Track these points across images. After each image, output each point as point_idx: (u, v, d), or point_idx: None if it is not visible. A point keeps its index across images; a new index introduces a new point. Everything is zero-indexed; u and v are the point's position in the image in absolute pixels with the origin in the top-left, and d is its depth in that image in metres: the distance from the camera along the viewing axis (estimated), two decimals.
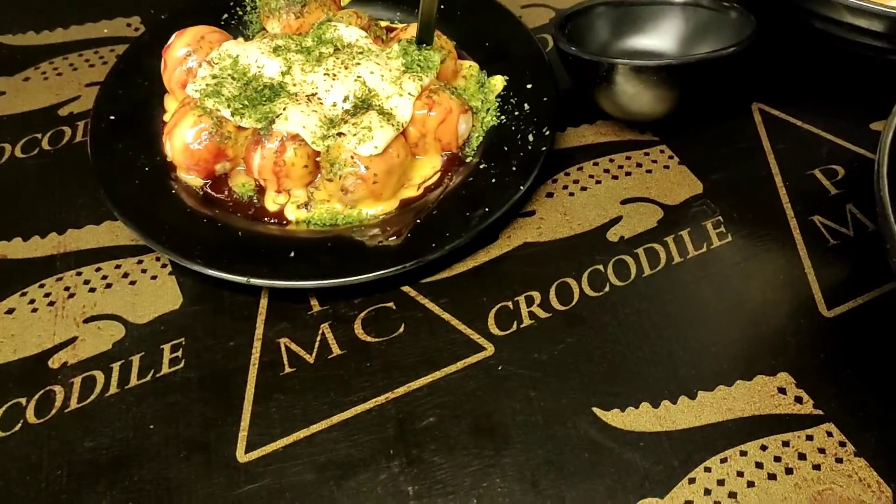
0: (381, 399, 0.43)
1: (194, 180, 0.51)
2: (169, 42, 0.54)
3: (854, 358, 0.44)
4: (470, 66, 0.58)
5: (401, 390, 0.43)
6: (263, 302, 0.48)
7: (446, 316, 0.47)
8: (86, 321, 0.47)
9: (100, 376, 0.44)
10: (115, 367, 0.45)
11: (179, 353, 0.45)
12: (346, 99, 0.51)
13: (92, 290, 0.48)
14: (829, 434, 0.41)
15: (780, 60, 0.58)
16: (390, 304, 0.47)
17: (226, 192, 0.51)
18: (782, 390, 0.43)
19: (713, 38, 0.56)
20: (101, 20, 0.65)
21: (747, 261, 0.49)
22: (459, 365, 0.44)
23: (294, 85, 0.52)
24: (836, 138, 0.55)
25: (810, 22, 0.50)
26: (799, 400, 0.42)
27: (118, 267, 0.49)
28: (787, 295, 0.47)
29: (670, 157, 0.54)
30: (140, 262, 0.50)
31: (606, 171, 0.54)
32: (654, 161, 0.54)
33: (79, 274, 0.49)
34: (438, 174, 0.52)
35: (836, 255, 0.48)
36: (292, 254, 0.47)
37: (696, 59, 0.50)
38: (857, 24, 0.47)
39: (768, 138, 0.55)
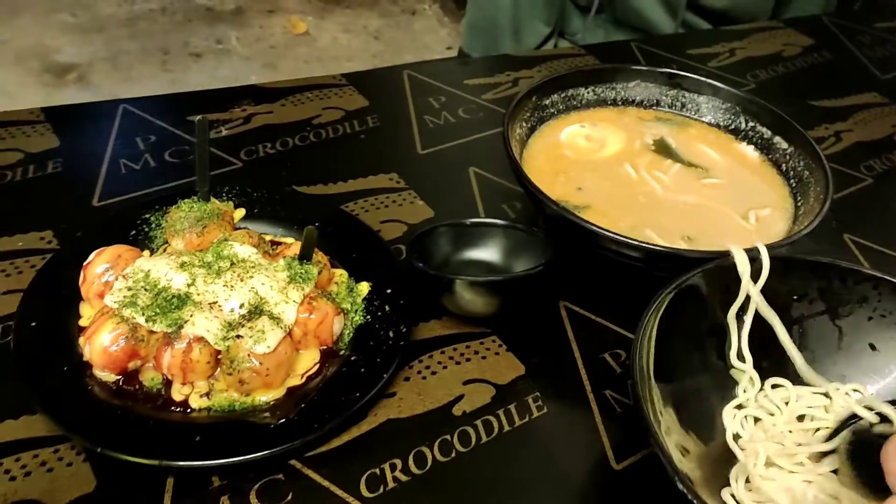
0: None
1: (108, 376, 0.61)
2: (89, 259, 0.65)
3: (636, 500, 0.59)
4: (341, 275, 0.72)
5: None
6: (170, 481, 0.56)
7: (326, 483, 0.57)
8: None
9: None
10: None
11: None
12: (242, 306, 0.63)
13: (12, 478, 0.55)
14: None
15: (578, 269, 0.77)
16: (280, 476, 0.57)
17: (136, 386, 0.61)
18: None
19: (528, 252, 0.73)
20: (15, 234, 0.74)
21: (558, 428, 0.64)
22: None
23: (198, 294, 0.63)
24: (620, 329, 0.72)
25: (593, 246, 0.69)
26: None
27: (36, 456, 0.57)
28: (586, 454, 0.62)
29: (500, 346, 0.70)
30: (56, 451, 0.57)
31: (451, 357, 0.68)
32: (488, 349, 0.69)
33: None
34: (318, 365, 0.64)
35: (622, 421, 0.64)
36: (198, 437, 0.57)
37: (512, 276, 0.67)
38: (623, 252, 0.66)
39: (571, 329, 0.72)
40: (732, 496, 0.53)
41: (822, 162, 0.74)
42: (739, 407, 0.60)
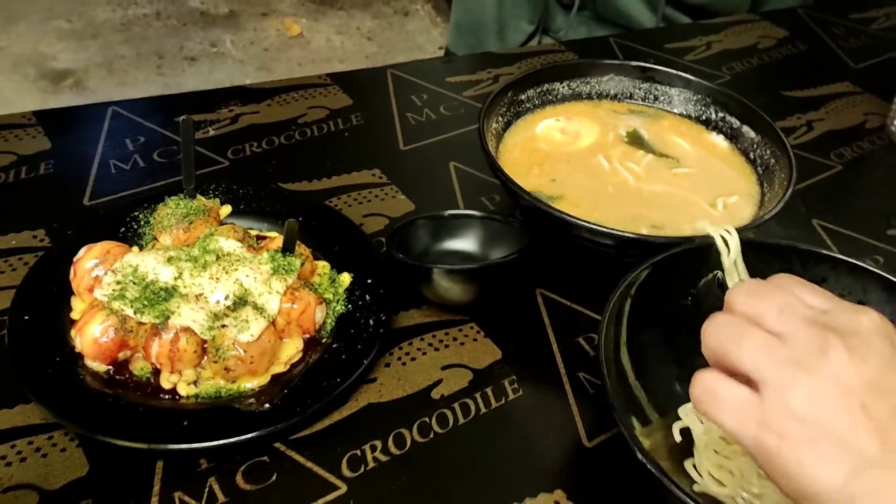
0: None
1: (99, 366, 0.63)
2: (79, 255, 0.67)
3: (606, 475, 0.61)
4: (323, 266, 0.74)
5: None
6: (160, 464, 0.59)
7: (309, 464, 0.60)
8: (3, 491, 0.56)
9: None
10: None
11: None
12: (227, 297, 0.66)
13: (8, 464, 0.58)
14: None
15: (553, 258, 0.79)
16: (265, 458, 0.60)
17: (126, 375, 0.63)
18: (557, 503, 0.59)
19: (504, 242, 0.76)
20: (9, 233, 0.77)
21: (533, 409, 0.66)
22: (320, 502, 0.57)
23: (185, 287, 0.66)
24: (593, 313, 0.75)
25: (566, 235, 0.71)
26: None
27: (31, 443, 0.59)
28: (560, 433, 0.64)
29: (478, 332, 0.72)
30: (50, 437, 0.60)
31: (430, 344, 0.71)
32: (466, 335, 0.72)
33: None
34: (301, 353, 0.67)
35: (594, 401, 0.67)
36: (185, 422, 0.59)
37: (488, 264, 0.70)
38: (594, 239, 0.69)
39: (547, 315, 0.75)
40: (694, 467, 0.56)
41: (787, 149, 0.77)
42: None
